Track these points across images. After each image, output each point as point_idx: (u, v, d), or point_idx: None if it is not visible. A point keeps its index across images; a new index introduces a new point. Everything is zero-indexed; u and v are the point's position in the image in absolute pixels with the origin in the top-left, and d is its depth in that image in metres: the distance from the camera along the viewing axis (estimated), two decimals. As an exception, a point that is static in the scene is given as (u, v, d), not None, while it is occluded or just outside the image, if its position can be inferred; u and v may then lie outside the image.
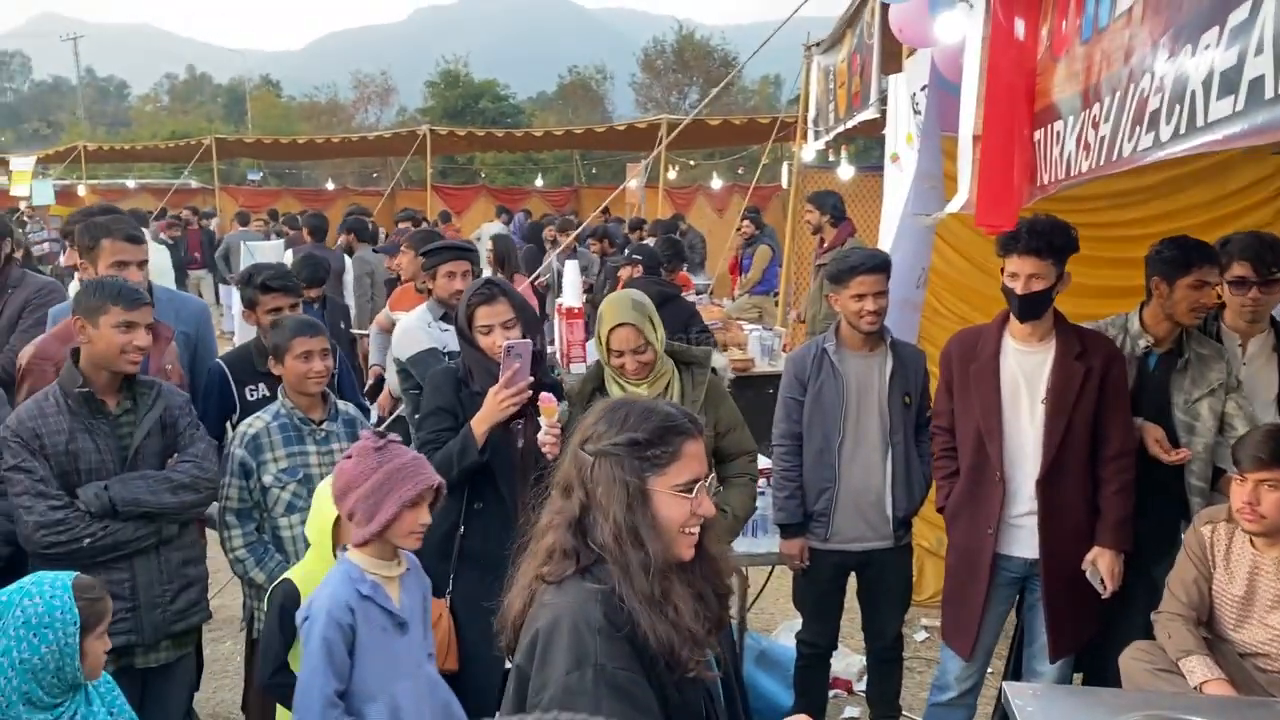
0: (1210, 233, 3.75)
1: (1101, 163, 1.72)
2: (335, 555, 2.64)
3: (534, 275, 7.35)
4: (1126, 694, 2.60)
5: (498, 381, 3.06)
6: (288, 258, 8.11)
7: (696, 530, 1.80)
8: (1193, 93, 1.41)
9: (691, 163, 24.34)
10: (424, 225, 11.34)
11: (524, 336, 3.15)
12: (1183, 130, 1.42)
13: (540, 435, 3.06)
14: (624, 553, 1.72)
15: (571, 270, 5.15)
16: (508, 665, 2.09)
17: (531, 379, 3.08)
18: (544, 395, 3.08)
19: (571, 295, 5.06)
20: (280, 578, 2.75)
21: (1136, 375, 3.41)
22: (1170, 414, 3.37)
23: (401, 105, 57.01)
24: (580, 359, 4.71)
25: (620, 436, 1.76)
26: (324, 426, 3.33)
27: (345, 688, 2.47)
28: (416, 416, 3.67)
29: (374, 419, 5.18)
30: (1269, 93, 1.23)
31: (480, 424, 3.04)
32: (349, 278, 8.51)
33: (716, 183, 19.51)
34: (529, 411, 3.12)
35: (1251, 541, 2.72)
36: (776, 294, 9.87)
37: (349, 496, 2.49)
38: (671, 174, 19.19)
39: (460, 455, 3.02)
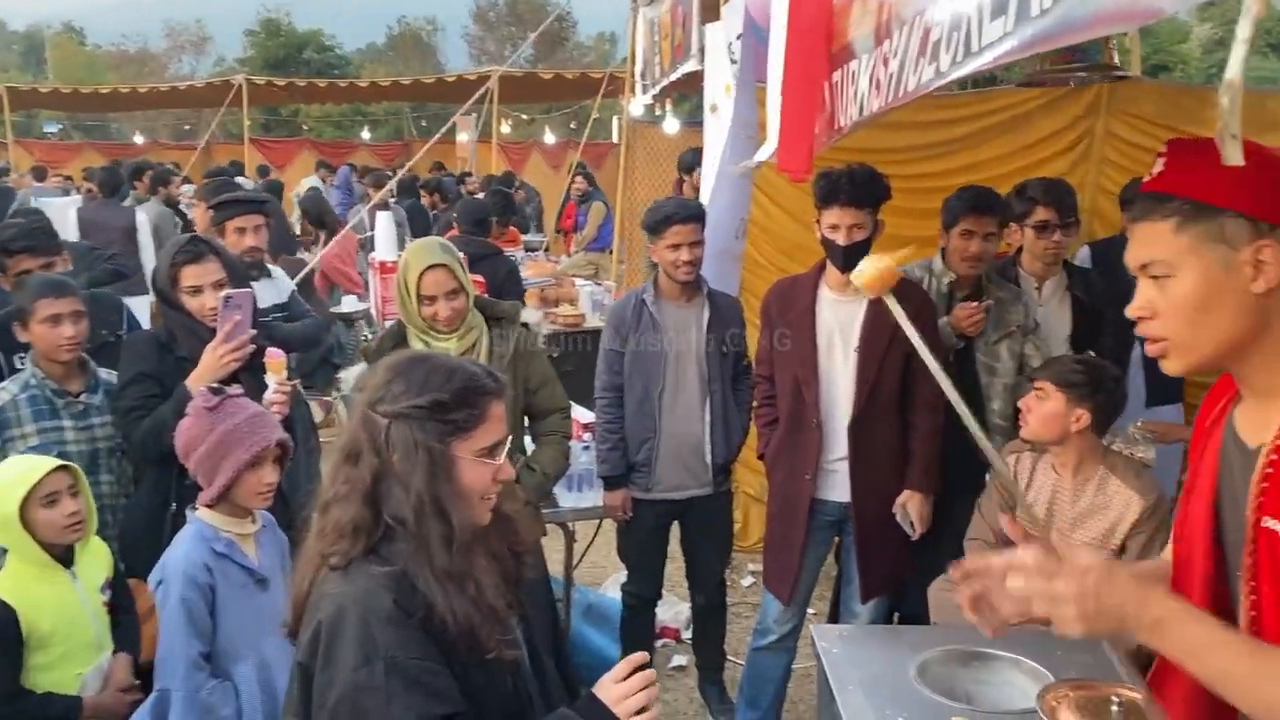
0: (1013, 182, 3.89)
1: (890, 100, 1.71)
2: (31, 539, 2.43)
3: (334, 234, 7.01)
4: (929, 631, 2.68)
5: (207, 345, 2.87)
6: (72, 218, 7.51)
7: (495, 496, 1.70)
8: (968, 19, 1.42)
9: (525, 117, 23.99)
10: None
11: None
12: (960, 57, 1.43)
13: (267, 395, 2.88)
14: (423, 526, 1.59)
15: (385, 223, 4.94)
16: None
17: (254, 332, 2.91)
18: (270, 350, 2.91)
19: (385, 249, 4.85)
20: None
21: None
22: (971, 355, 3.50)
23: (219, 55, 53.95)
24: (396, 315, 4.53)
25: (421, 398, 1.61)
26: (82, 399, 3.04)
27: (210, 649, 2.35)
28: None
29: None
30: (1035, 10, 1.25)
31: (196, 383, 2.81)
32: (143, 236, 7.81)
33: (550, 138, 19.29)
34: (253, 369, 2.95)
35: (1054, 467, 2.83)
36: (611, 250, 9.84)
37: (190, 458, 2.44)
38: (505, 128, 18.86)
39: (174, 420, 2.68)
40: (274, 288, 4.39)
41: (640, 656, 1.67)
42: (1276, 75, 24.33)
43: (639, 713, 1.60)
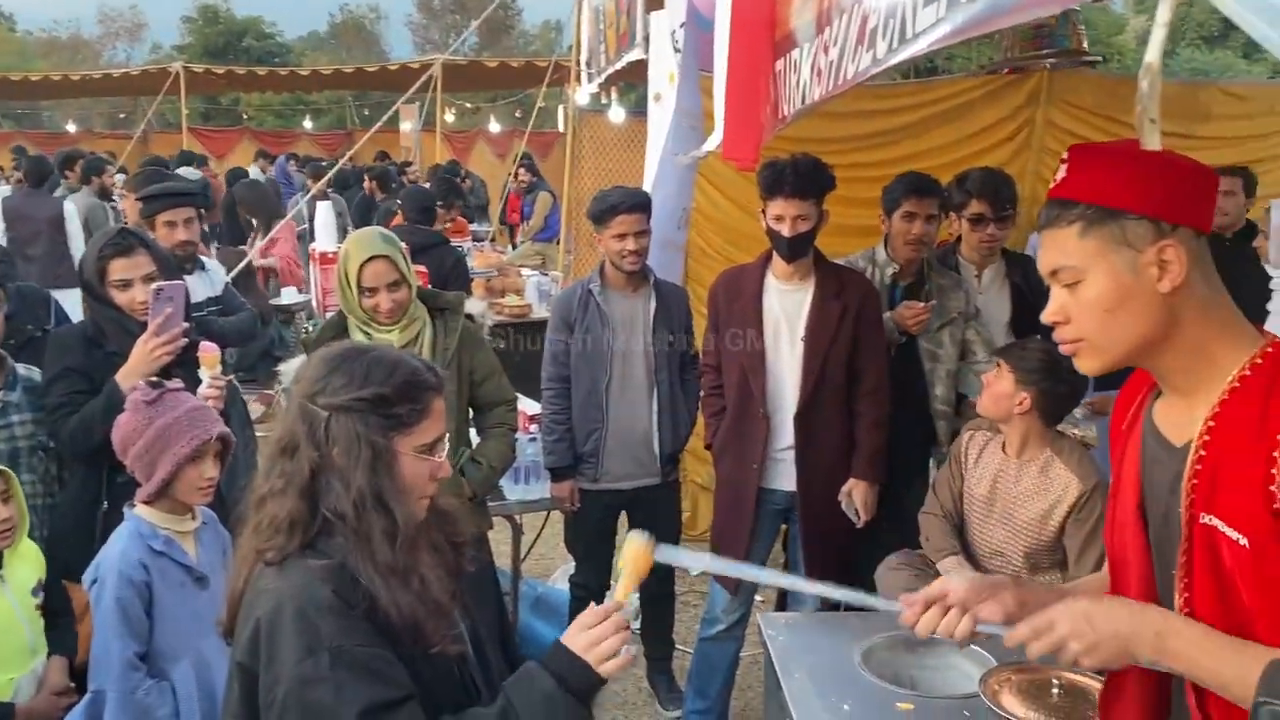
0: (955, 171, 3.93)
1: (830, 88, 1.71)
2: None
3: (272, 226, 6.86)
4: (874, 617, 2.68)
5: (138, 340, 2.80)
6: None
7: (433, 493, 1.68)
8: (903, 6, 1.43)
9: (470, 106, 23.76)
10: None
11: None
12: (895, 44, 1.43)
13: (201, 389, 2.81)
14: (365, 521, 1.54)
15: (324, 212, 4.85)
16: None
17: (187, 325, 2.85)
18: (204, 344, 2.85)
19: (325, 239, 4.77)
20: None
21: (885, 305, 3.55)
22: (914, 343, 3.53)
23: (155, 42, 52.72)
24: (337, 306, 4.46)
25: (364, 391, 1.57)
26: None
27: (146, 649, 2.29)
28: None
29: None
30: (967, -7, 1.26)
31: (127, 378, 2.75)
32: (72, 227, 7.52)
33: (496, 126, 19.14)
34: (186, 363, 2.88)
35: (1003, 447, 2.87)
36: (559, 240, 9.79)
37: (127, 453, 2.38)
38: (449, 117, 18.67)
39: (104, 416, 2.63)
40: (208, 281, 4.31)
41: (612, 605, 1.64)
42: (1209, 68, 24.90)
43: (612, 658, 1.57)
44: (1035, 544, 2.73)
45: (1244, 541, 1.33)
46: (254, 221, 7.08)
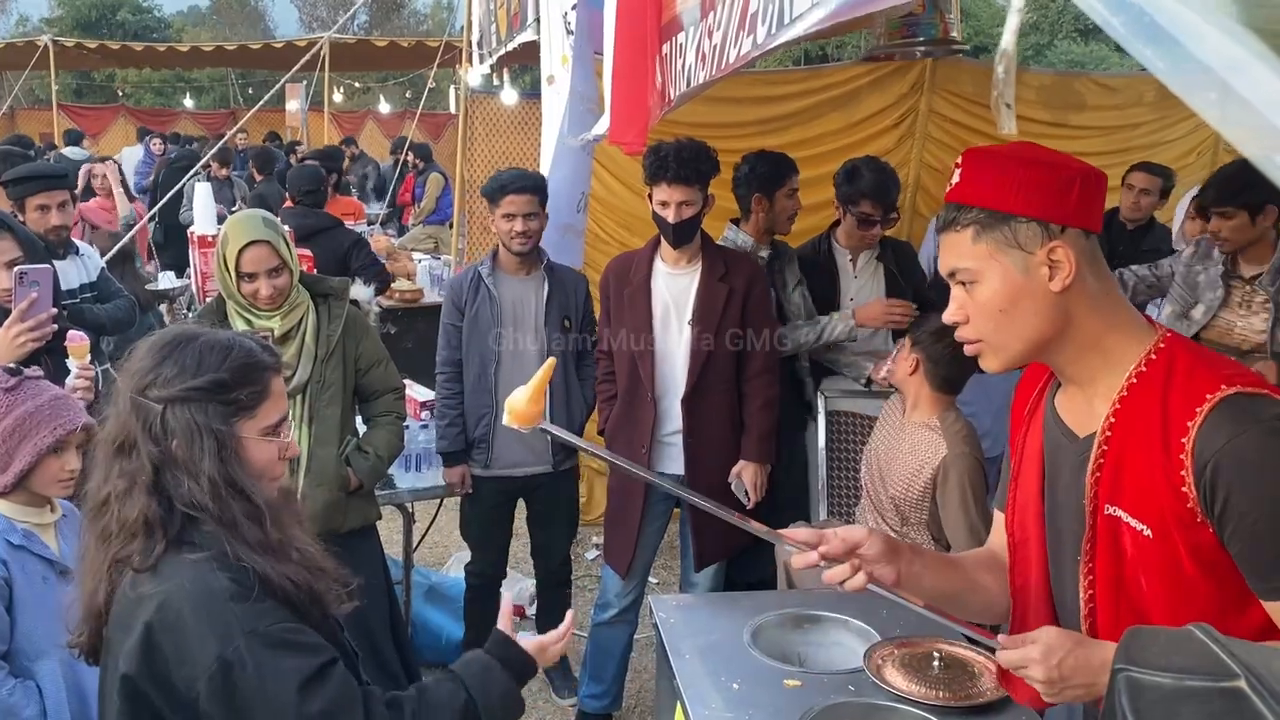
0: (842, 157, 3.99)
1: (714, 72, 1.71)
2: None
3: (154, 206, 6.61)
4: (763, 596, 2.75)
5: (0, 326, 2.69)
6: None
7: (282, 473, 1.64)
8: None
9: (359, 85, 23.22)
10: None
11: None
12: (775, 29, 1.44)
13: (70, 380, 2.70)
14: (226, 508, 1.50)
15: (203, 195, 4.68)
16: None
17: (54, 311, 2.72)
18: (71, 334, 2.73)
19: (204, 222, 4.60)
20: None
21: None
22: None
23: (21, 14, 49.96)
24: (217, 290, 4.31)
25: (198, 379, 1.51)
26: None
27: (7, 647, 2.17)
28: None
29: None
30: (842, -23, 1.28)
31: None
32: None
33: (385, 107, 18.76)
34: (55, 351, 2.77)
35: (901, 408, 3.00)
36: (451, 223, 9.64)
37: None
38: (338, 97, 18.20)
39: None
40: (83, 266, 4.13)
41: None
42: (1085, 59, 25.87)
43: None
44: (904, 498, 2.85)
45: (1148, 532, 1.38)
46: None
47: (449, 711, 1.61)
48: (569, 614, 1.88)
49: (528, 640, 1.77)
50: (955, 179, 1.46)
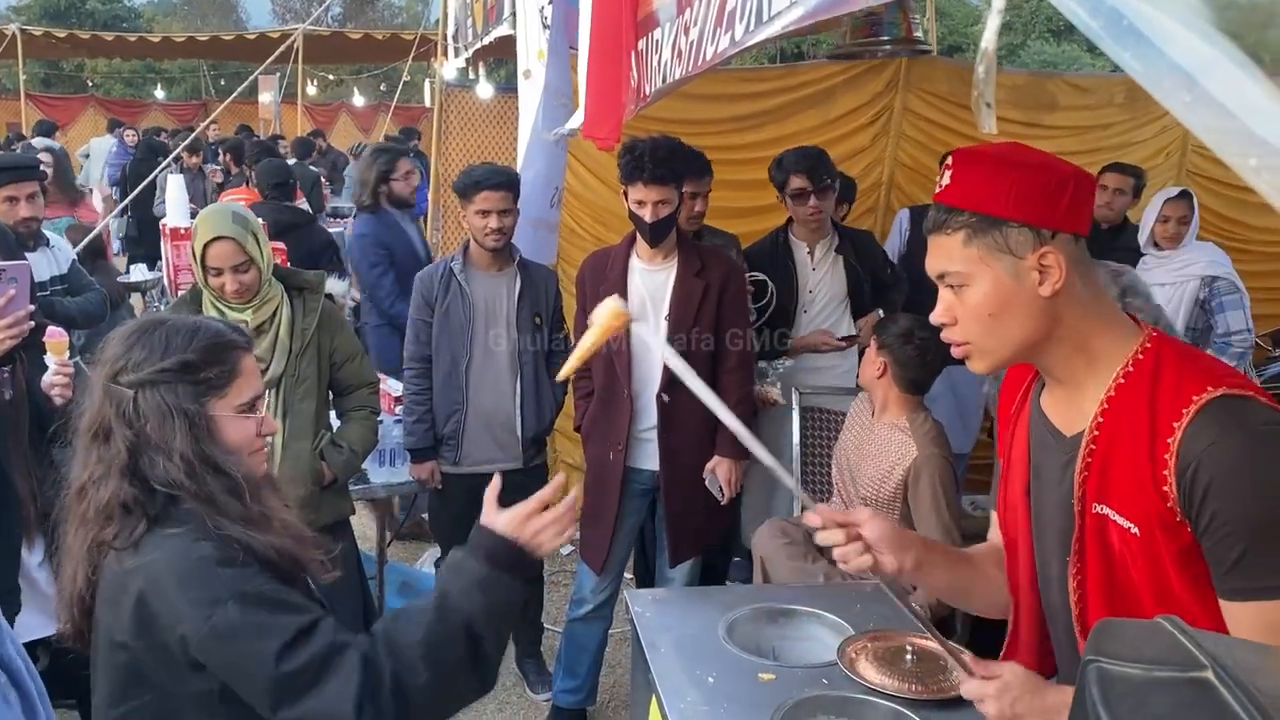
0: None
1: (691, 69, 1.72)
2: None
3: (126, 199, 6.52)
4: (738, 591, 2.76)
5: None
6: None
7: (265, 448, 1.68)
8: None
9: (332, 78, 23.04)
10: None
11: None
12: (753, 26, 1.45)
13: (48, 377, 2.65)
14: (204, 484, 1.53)
15: (175, 187, 4.63)
16: None
17: (32, 308, 2.69)
18: (50, 329, 2.68)
19: (177, 214, 4.56)
20: None
21: None
22: None
23: (-12, 2, 49.27)
24: (189, 284, 4.28)
25: (166, 361, 1.54)
26: None
27: None
28: None
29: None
30: (820, -22, 1.29)
31: None
32: None
33: (360, 100, 18.63)
34: (32, 347, 2.72)
35: (871, 409, 3.01)
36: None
37: None
38: (311, 89, 18.06)
39: None
40: (53, 258, 4.09)
41: (549, 494, 1.71)
42: (1057, 60, 26.08)
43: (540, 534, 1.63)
44: (875, 498, 2.88)
45: (1135, 530, 1.39)
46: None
47: (420, 629, 1.55)
48: (554, 480, 1.79)
49: (502, 517, 1.67)
50: (945, 180, 1.45)
